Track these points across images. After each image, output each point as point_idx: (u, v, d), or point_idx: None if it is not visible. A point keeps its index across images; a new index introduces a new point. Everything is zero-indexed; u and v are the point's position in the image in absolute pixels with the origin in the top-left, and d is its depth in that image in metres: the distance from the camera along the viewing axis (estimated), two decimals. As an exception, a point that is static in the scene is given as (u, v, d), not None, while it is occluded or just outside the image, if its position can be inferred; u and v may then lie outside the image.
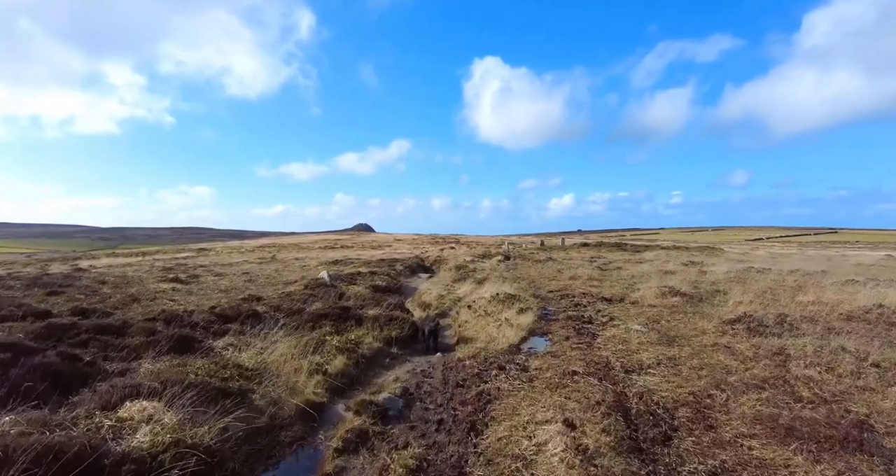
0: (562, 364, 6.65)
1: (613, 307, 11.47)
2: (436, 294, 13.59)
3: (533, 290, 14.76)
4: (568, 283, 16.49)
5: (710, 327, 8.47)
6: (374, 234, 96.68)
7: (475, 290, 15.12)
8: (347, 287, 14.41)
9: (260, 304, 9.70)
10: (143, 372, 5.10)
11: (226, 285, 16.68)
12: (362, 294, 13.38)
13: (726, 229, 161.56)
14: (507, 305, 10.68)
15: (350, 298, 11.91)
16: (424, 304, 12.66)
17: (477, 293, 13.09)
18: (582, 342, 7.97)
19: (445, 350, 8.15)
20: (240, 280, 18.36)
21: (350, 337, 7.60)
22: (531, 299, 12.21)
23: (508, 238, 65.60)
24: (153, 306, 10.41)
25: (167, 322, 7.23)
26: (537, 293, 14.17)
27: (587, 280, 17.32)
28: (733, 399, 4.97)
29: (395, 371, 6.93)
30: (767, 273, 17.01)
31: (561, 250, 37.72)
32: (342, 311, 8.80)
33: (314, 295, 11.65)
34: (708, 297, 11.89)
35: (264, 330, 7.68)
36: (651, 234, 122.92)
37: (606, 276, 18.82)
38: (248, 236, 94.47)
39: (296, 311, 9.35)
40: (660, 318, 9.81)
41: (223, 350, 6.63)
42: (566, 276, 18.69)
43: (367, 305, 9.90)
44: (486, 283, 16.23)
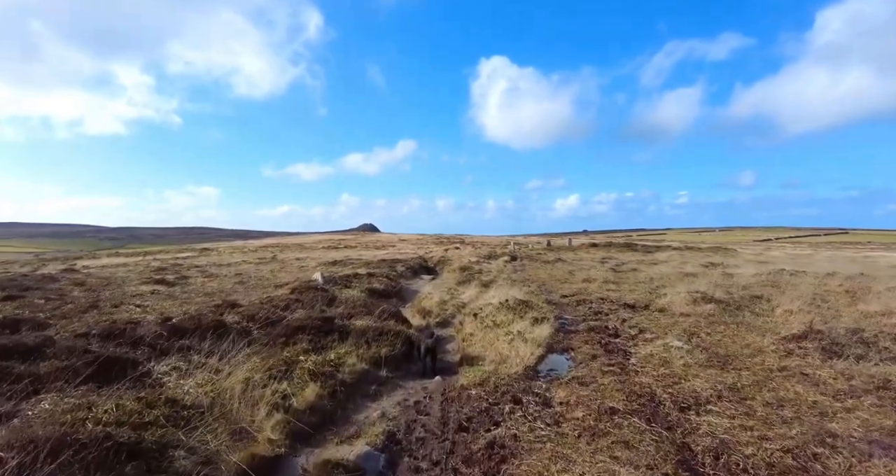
0: (594, 396, 5.13)
1: (640, 316, 9.91)
2: (437, 299, 12.09)
3: (545, 295, 13.22)
4: (582, 287, 14.92)
5: (767, 344, 6.89)
6: (379, 234, 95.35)
7: (481, 294, 13.59)
8: (340, 291, 12.94)
9: (233, 313, 8.25)
10: (26, 418, 3.65)
11: (213, 288, 15.29)
12: (356, 299, 11.90)
13: (733, 230, 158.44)
14: (518, 314, 9.15)
15: (341, 304, 10.44)
16: (424, 310, 11.16)
17: (483, 298, 11.57)
18: (613, 363, 6.44)
19: (446, 371, 6.66)
20: (230, 282, 16.98)
21: (329, 356, 6.12)
22: (544, 306, 10.68)
23: (514, 238, 63.97)
24: (116, 314, 9.00)
25: (105, 338, 5.80)
26: (550, 298, 12.62)
27: (602, 283, 15.73)
28: (858, 467, 3.41)
29: (381, 402, 5.43)
30: (802, 276, 15.33)
31: (569, 251, 36.08)
32: (324, 322, 7.32)
33: (300, 300, 10.19)
34: (747, 305, 10.29)
35: (229, 346, 6.22)
36: (657, 235, 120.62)
37: (623, 278, 17.22)
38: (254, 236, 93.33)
39: (273, 322, 7.90)
40: (698, 331, 8.24)
41: (164, 376, 5.17)
42: (579, 279, 17.11)
43: (357, 314, 8.42)
44: (492, 286, 14.70)
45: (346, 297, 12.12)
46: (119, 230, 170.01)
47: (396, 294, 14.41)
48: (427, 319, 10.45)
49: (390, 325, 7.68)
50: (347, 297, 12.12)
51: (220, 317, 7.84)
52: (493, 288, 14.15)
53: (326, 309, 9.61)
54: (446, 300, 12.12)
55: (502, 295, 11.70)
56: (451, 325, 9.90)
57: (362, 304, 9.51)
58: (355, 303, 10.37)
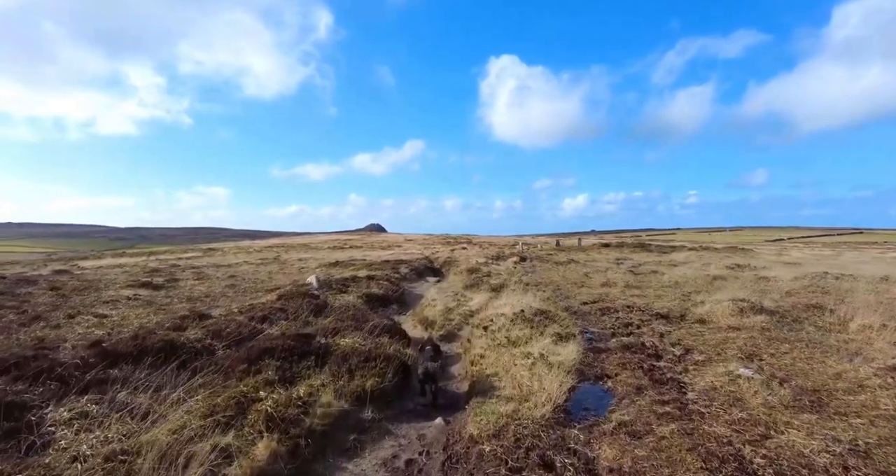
0: (656, 460, 3.60)
1: (679, 329, 8.32)
2: (442, 306, 10.58)
3: (562, 302, 11.66)
4: (602, 292, 13.33)
5: (867, 375, 5.28)
6: (386, 234, 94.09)
7: (491, 300, 12.06)
8: (334, 297, 11.49)
9: (197, 328, 6.81)
10: None
11: (200, 292, 13.94)
12: (350, 306, 10.44)
13: (744, 230, 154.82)
14: (537, 328, 7.61)
15: (331, 314, 8.99)
16: (426, 320, 9.66)
17: (494, 306, 10.06)
18: (667, 399, 4.88)
19: (451, 406, 5.16)
20: (221, 285, 15.62)
21: (299, 391, 4.64)
22: (565, 317, 9.13)
23: (521, 238, 62.26)
24: (64, 328, 7.61)
25: (5, 370, 4.39)
26: (569, 306, 11.05)
27: (624, 287, 14.13)
28: None
29: (361, 462, 3.94)
30: (850, 280, 13.59)
31: (580, 251, 34.38)
32: (301, 341, 5.85)
33: (284, 310, 8.75)
34: (805, 317, 8.66)
35: (173, 377, 4.79)
36: (667, 235, 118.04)
37: (644, 282, 15.58)
38: (262, 236, 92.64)
39: (242, 339, 6.45)
40: (758, 351, 6.64)
41: (61, 427, 3.73)
42: (597, 282, 15.51)
43: (345, 329, 6.93)
44: (504, 291, 13.16)
45: (340, 304, 10.67)
46: (128, 230, 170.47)
47: (397, 299, 12.93)
48: (430, 330, 8.95)
49: (383, 345, 6.19)
50: (341, 304, 10.66)
51: (180, 332, 6.40)
52: (504, 293, 12.61)
53: (312, 320, 8.16)
54: (452, 308, 10.61)
55: (515, 302, 10.18)
56: (458, 340, 8.39)
57: (353, 316, 8.02)
58: (347, 312, 8.90)
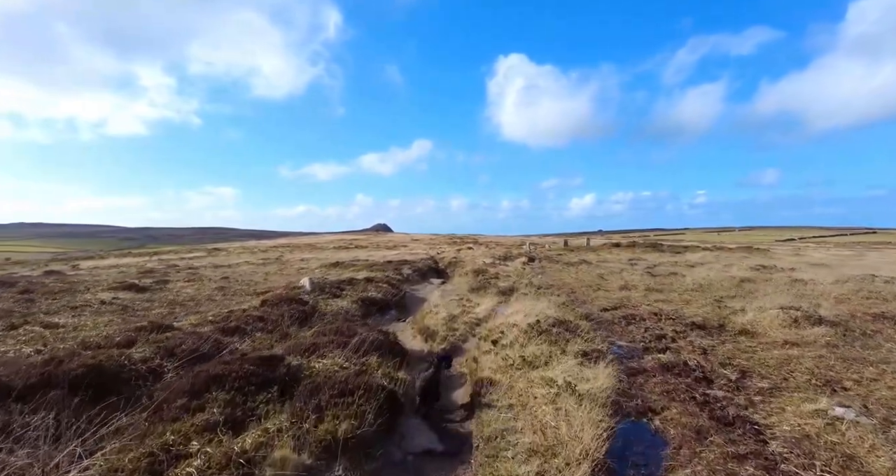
0: None
1: (722, 343, 6.96)
2: (445, 313, 9.26)
3: (580, 308, 10.33)
4: (622, 296, 11.95)
5: None
6: (392, 234, 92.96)
7: (500, 306, 10.76)
8: (326, 302, 10.25)
9: (148, 344, 5.57)
10: None
11: (186, 296, 12.77)
12: (342, 313, 9.20)
13: (753, 229, 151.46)
14: (557, 343, 6.29)
15: (318, 323, 7.75)
16: (427, 330, 8.37)
17: (504, 313, 8.75)
18: (743, 453, 3.55)
19: (452, 454, 3.88)
20: (210, 287, 14.46)
21: (245, 443, 3.37)
22: (586, 327, 7.79)
23: (528, 238, 60.75)
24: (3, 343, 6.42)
25: None
26: (588, 313, 9.70)
27: (646, 291, 12.73)
28: None
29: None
30: (900, 284, 12.08)
31: (590, 251, 32.90)
32: (264, 364, 4.58)
33: (263, 318, 7.51)
34: (877, 330, 7.24)
35: (75, 418, 3.56)
36: (675, 235, 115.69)
37: (665, 284, 14.16)
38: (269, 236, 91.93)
39: (201, 357, 5.21)
40: (837, 377, 5.26)
41: None
42: (615, 285, 14.12)
43: (326, 346, 5.65)
44: (514, 295, 11.84)
45: (331, 311, 9.43)
46: (137, 230, 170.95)
47: (397, 303, 11.66)
48: (430, 343, 7.67)
49: (369, 368, 4.91)
50: (332, 311, 9.43)
51: (123, 350, 5.17)
52: (514, 298, 11.29)
53: (293, 332, 6.90)
54: (456, 315, 9.31)
55: (528, 309, 8.87)
56: (462, 354, 7.09)
57: (338, 329, 6.72)
58: (336, 322, 7.64)
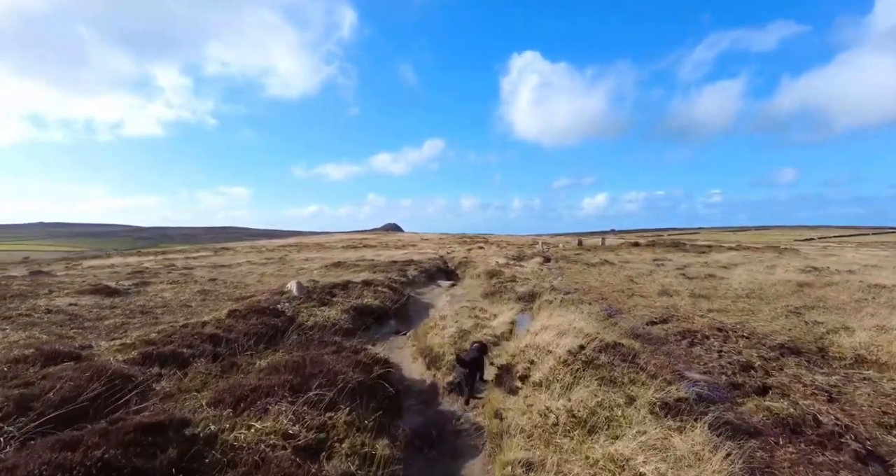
0: None
1: (847, 381, 4.87)
2: (454, 328, 7.24)
3: (619, 319, 8.27)
4: (666, 305, 9.83)
5: None
6: (402, 233, 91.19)
7: (521, 315, 8.75)
8: (312, 310, 8.35)
9: (4, 389, 3.69)
10: None
11: (160, 301, 11.00)
12: (329, 326, 7.29)
13: (770, 229, 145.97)
14: (616, 383, 4.27)
15: (292, 338, 5.84)
16: (430, 351, 6.39)
17: (531, 330, 6.75)
18: None
19: None
20: (193, 290, 12.68)
21: None
22: (639, 348, 5.76)
23: (540, 238, 58.38)
24: None
25: None
26: (632, 328, 7.64)
27: (690, 298, 10.58)
28: None
29: None
30: None
31: (608, 251, 30.59)
32: (141, 445, 2.64)
33: (216, 338, 5.62)
34: None
35: None
36: (689, 234, 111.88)
37: (709, 289, 11.96)
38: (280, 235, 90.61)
39: (63, 420, 3.31)
40: None
41: None
42: (651, 290, 11.97)
43: (276, 388, 3.69)
44: (536, 302, 9.82)
45: (315, 322, 7.52)
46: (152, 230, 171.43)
47: (397, 312, 9.72)
48: (434, 369, 5.69)
49: (331, 438, 2.94)
50: (316, 322, 7.52)
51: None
52: (537, 306, 9.28)
53: (247, 361, 4.98)
54: (467, 329, 7.30)
55: (558, 323, 6.86)
56: (479, 394, 5.11)
57: (296, 365, 4.75)
58: (310, 345, 5.72)
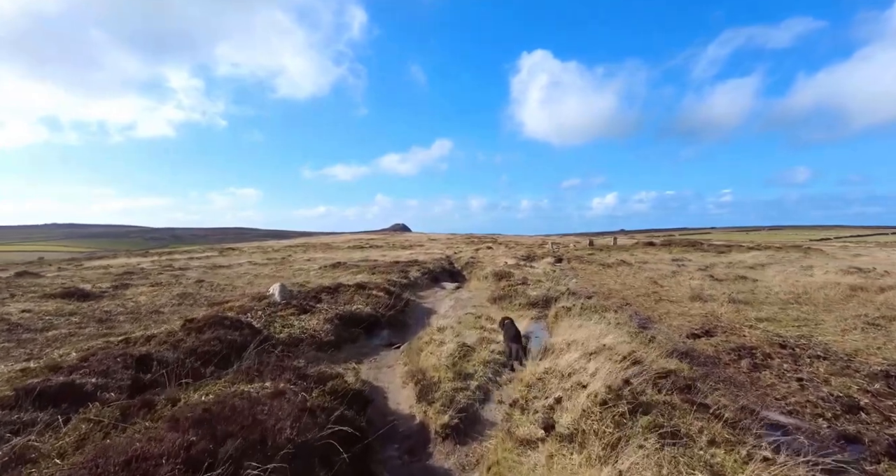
0: None
1: None
2: (455, 343, 5.83)
3: (653, 330, 6.81)
4: (703, 312, 8.34)
5: None
6: (409, 233, 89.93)
7: (535, 325, 7.35)
8: (288, 320, 7.02)
9: None
10: None
11: (132, 306, 9.78)
12: (306, 337, 5.97)
13: (783, 229, 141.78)
14: (685, 443, 2.84)
15: (254, 357, 4.52)
16: (422, 376, 4.99)
17: (550, 347, 5.33)
18: None
19: None
20: (174, 293, 11.45)
21: None
22: (690, 374, 4.33)
23: (549, 238, 56.68)
24: None
25: None
26: (671, 341, 6.19)
27: (728, 304, 9.07)
28: None
29: None
30: None
31: (622, 251, 28.92)
32: None
33: (145, 361, 4.31)
34: None
35: None
36: (701, 235, 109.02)
37: (746, 293, 10.40)
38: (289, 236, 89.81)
39: None
40: None
41: None
42: (680, 294, 10.46)
43: (164, 465, 2.34)
44: (552, 309, 8.39)
45: (290, 335, 6.21)
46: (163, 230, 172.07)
47: (392, 320, 8.34)
48: (424, 407, 4.30)
49: None
50: (291, 335, 6.20)
51: None
52: (553, 313, 7.85)
53: (161, 400, 3.64)
54: (471, 345, 5.89)
55: (583, 337, 5.46)
56: (481, 439, 3.73)
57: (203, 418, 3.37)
58: (266, 368, 4.37)
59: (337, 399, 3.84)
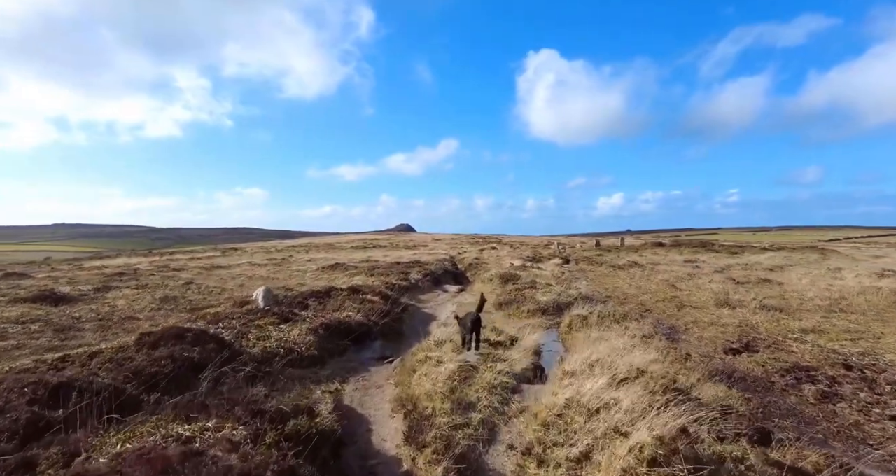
0: None
1: None
2: (454, 364, 4.83)
3: (683, 343, 5.82)
4: (734, 321, 7.33)
5: None
6: (414, 233, 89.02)
7: (547, 336, 6.38)
8: (269, 330, 6.12)
9: None
10: None
11: (105, 312, 8.93)
12: (282, 351, 5.06)
13: (791, 229, 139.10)
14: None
15: (212, 380, 3.61)
16: (413, 406, 4.04)
17: (571, 371, 4.36)
18: None
19: None
20: (153, 297, 10.58)
21: None
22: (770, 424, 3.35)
23: (555, 238, 55.55)
24: None
25: None
26: (709, 360, 5.20)
27: (761, 311, 8.05)
28: None
29: None
30: None
31: (630, 251, 27.82)
32: None
33: (62, 390, 3.40)
34: None
35: None
36: (707, 235, 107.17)
37: (777, 299, 9.36)
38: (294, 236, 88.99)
39: None
40: None
41: None
42: (702, 299, 9.45)
43: None
44: (565, 316, 7.41)
45: (260, 352, 5.29)
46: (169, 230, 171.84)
47: (386, 329, 7.40)
48: (414, 452, 3.34)
49: None
50: (262, 352, 5.29)
51: None
52: (571, 325, 6.88)
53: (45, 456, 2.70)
54: (475, 366, 4.91)
55: (607, 356, 4.50)
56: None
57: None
58: (216, 399, 3.45)
59: (298, 444, 2.91)
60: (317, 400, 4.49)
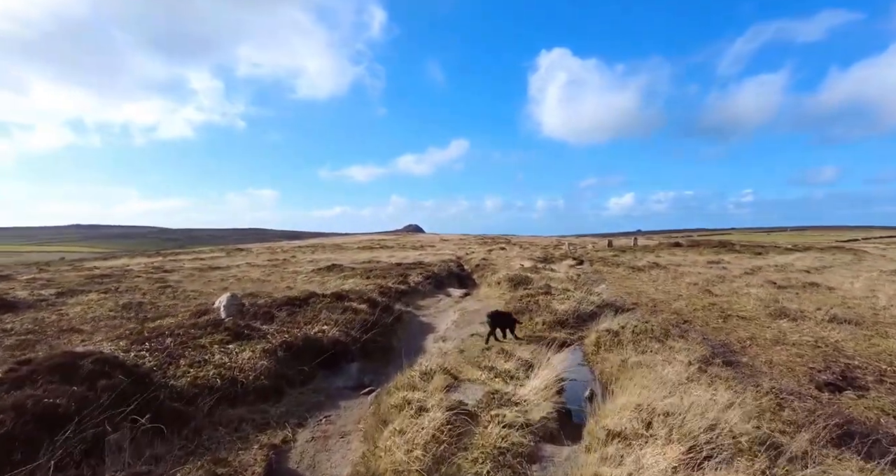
0: None
1: None
2: (445, 406, 3.40)
3: (748, 373, 4.28)
4: (807, 339, 5.73)
5: None
6: (422, 234, 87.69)
7: (570, 364, 4.88)
8: (213, 350, 4.70)
9: None
10: None
11: (43, 324, 7.62)
12: (226, 382, 3.64)
13: (807, 230, 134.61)
14: None
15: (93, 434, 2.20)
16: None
17: (615, 431, 2.85)
18: None
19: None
20: (115, 304, 9.26)
21: None
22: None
23: (565, 239, 53.68)
24: None
25: None
26: (800, 399, 3.64)
27: (836, 325, 6.42)
28: None
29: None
30: None
31: (646, 252, 26.03)
32: None
33: None
34: None
35: None
36: (720, 235, 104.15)
37: (844, 308, 7.69)
38: (304, 236, 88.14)
39: None
40: None
41: None
42: (746, 306, 7.81)
43: None
44: (592, 332, 5.88)
45: (187, 385, 3.89)
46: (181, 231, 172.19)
47: (367, 347, 5.93)
48: None
49: None
50: (190, 385, 3.89)
51: None
52: (600, 344, 5.36)
53: None
54: (474, 413, 3.43)
55: (661, 401, 2.96)
56: None
57: None
58: None
59: None
60: (245, 464, 3.06)
